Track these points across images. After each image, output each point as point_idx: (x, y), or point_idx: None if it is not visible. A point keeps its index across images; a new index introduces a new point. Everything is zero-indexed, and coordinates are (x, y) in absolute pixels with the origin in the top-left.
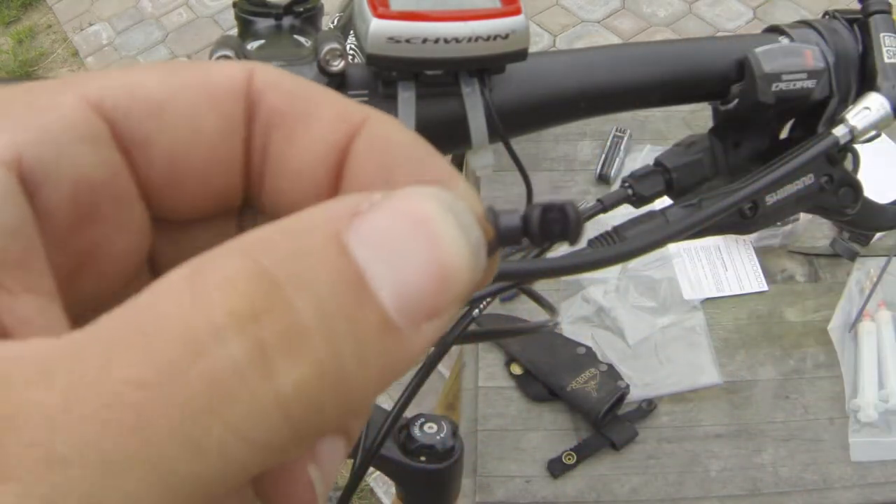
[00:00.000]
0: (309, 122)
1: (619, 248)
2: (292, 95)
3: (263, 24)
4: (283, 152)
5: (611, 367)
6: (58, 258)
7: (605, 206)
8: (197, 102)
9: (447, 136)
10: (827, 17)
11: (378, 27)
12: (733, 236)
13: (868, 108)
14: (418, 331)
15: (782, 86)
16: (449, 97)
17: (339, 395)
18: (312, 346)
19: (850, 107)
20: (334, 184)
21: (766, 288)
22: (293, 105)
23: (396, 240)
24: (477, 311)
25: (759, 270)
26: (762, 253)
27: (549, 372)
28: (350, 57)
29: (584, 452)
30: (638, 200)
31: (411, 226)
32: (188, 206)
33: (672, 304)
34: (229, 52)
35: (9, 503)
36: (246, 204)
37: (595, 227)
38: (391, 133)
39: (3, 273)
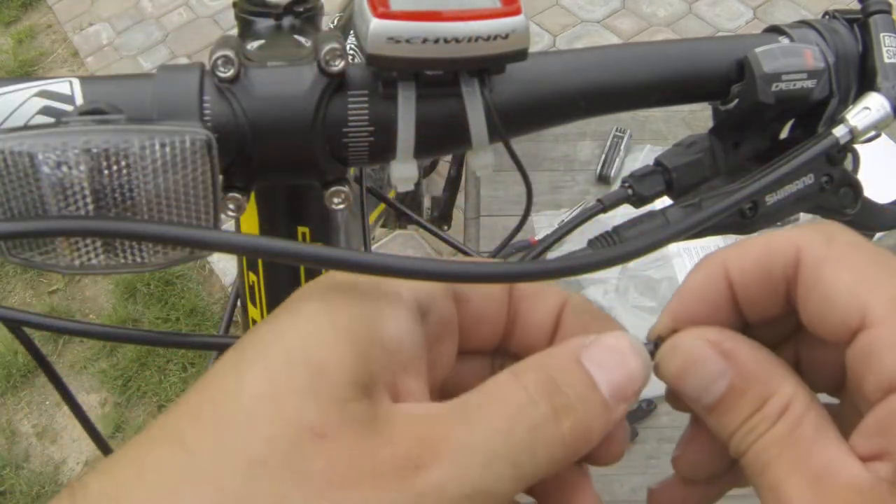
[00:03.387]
0: (543, 297)
1: (619, 249)
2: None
3: (263, 24)
4: (528, 315)
5: None
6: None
7: (605, 206)
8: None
9: (447, 136)
10: (827, 17)
11: (378, 27)
12: (733, 236)
13: (868, 108)
14: (618, 407)
15: (782, 86)
16: (449, 97)
17: (584, 439)
18: (573, 414)
19: (849, 107)
20: (553, 335)
21: None
22: (533, 286)
23: (609, 359)
24: None
25: None
26: None
27: None
28: (350, 57)
29: None
30: (638, 200)
31: (615, 352)
32: (474, 344)
33: None
34: (229, 52)
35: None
36: (496, 350)
37: (595, 228)
38: (584, 304)
39: (412, 364)
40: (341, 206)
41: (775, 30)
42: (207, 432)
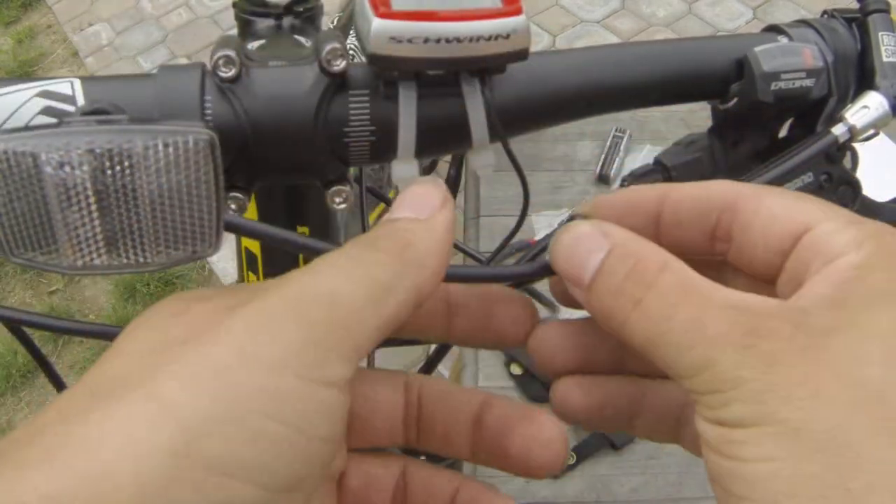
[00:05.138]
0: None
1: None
2: None
3: (263, 24)
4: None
5: None
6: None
7: None
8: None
9: (448, 135)
10: (825, 16)
11: (380, 27)
12: None
13: (867, 107)
14: (435, 217)
15: (781, 85)
16: (450, 97)
17: (408, 246)
18: (385, 237)
19: (848, 105)
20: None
21: None
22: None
23: (401, 199)
24: None
25: None
26: None
27: None
28: (351, 57)
29: (584, 452)
30: None
31: (406, 192)
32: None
33: None
34: (231, 52)
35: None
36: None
37: None
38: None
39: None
40: (342, 206)
41: (774, 29)
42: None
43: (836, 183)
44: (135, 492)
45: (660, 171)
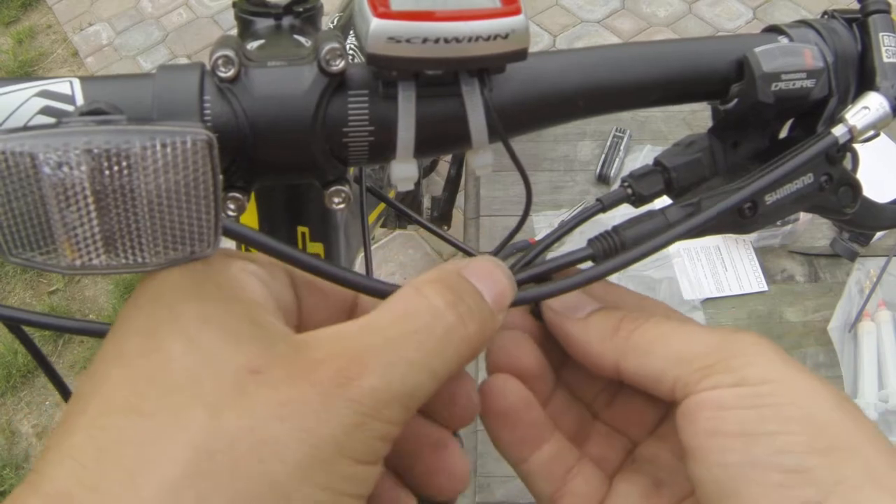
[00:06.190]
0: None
1: (621, 258)
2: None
3: (263, 23)
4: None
5: None
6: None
7: (604, 206)
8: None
9: (447, 135)
10: (826, 16)
11: (378, 27)
12: (733, 236)
13: (867, 108)
14: (499, 316)
15: (781, 85)
16: (449, 97)
17: (483, 340)
18: (475, 318)
19: (849, 106)
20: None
21: (766, 288)
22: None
23: (485, 276)
24: None
25: (759, 270)
26: (762, 253)
27: None
28: (350, 57)
29: None
30: (637, 200)
31: (488, 270)
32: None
33: (672, 305)
34: (230, 52)
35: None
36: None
37: (595, 227)
38: None
39: (289, 314)
40: (341, 206)
41: (774, 29)
42: (158, 399)
43: (837, 184)
44: None
45: (660, 171)
